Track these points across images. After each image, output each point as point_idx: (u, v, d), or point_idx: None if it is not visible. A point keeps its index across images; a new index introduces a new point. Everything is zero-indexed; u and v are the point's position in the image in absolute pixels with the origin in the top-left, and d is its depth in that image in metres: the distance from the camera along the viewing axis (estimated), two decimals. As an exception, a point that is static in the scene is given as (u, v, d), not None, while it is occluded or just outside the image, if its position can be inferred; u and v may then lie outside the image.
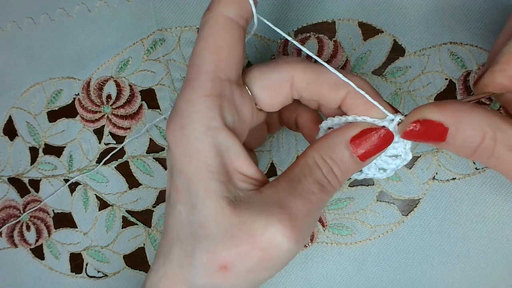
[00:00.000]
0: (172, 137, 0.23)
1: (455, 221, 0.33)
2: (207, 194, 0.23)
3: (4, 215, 0.38)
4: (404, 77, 0.33)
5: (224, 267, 0.22)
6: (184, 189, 0.23)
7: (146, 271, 0.37)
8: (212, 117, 0.23)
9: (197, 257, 0.23)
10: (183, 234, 0.23)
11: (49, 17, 0.37)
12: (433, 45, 0.32)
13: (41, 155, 0.38)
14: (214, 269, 0.22)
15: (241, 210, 0.22)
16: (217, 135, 0.23)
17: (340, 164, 0.24)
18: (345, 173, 0.24)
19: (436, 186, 0.33)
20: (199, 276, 0.23)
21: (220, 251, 0.22)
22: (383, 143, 0.24)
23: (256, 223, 0.22)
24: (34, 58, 0.37)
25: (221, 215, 0.22)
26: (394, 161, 0.26)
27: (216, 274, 0.22)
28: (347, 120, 0.25)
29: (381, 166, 0.26)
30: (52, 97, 0.37)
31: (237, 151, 0.23)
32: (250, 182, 0.24)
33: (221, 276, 0.22)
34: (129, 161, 0.37)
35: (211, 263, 0.22)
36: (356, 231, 0.34)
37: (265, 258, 0.22)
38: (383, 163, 0.26)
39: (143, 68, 0.36)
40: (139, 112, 0.36)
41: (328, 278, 0.34)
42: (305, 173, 0.23)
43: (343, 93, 0.24)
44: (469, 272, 0.33)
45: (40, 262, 0.38)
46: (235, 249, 0.22)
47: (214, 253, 0.22)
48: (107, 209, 0.37)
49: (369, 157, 0.24)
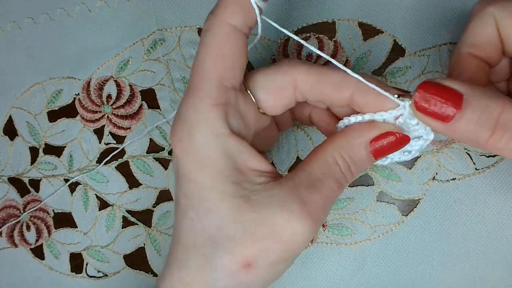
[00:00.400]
0: (179, 145, 0.24)
1: (455, 221, 0.33)
2: (223, 197, 0.23)
3: (4, 215, 0.38)
4: (404, 77, 0.33)
5: (248, 265, 0.23)
6: (195, 195, 0.24)
7: (146, 271, 0.37)
8: (220, 125, 0.23)
9: (217, 260, 0.23)
10: (199, 239, 0.24)
11: (49, 17, 0.37)
12: (433, 45, 0.32)
13: (41, 155, 0.38)
14: (236, 269, 0.23)
15: (260, 206, 0.23)
16: (227, 142, 0.23)
17: (357, 162, 0.25)
18: (360, 169, 0.25)
19: (436, 186, 0.33)
20: (221, 278, 0.23)
21: (242, 250, 0.23)
22: (399, 144, 0.25)
23: (278, 218, 0.23)
24: (34, 58, 0.37)
25: (239, 215, 0.23)
26: (417, 142, 0.26)
27: (239, 274, 0.23)
28: (363, 119, 0.25)
29: (405, 149, 0.26)
30: (52, 97, 0.37)
31: (248, 153, 0.24)
32: (264, 175, 0.24)
33: (244, 275, 0.23)
34: (129, 161, 0.37)
35: (233, 263, 0.23)
36: (356, 231, 0.34)
37: (286, 250, 0.23)
38: (407, 146, 0.26)
39: (143, 68, 0.36)
40: (139, 112, 0.36)
41: (328, 278, 0.34)
42: (324, 171, 0.24)
43: (347, 93, 0.24)
44: (469, 272, 0.33)
45: (40, 262, 0.38)
46: (257, 245, 0.23)
47: (235, 253, 0.23)
48: (107, 209, 0.37)
49: (383, 156, 0.25)
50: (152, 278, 0.37)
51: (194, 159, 0.23)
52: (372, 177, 0.33)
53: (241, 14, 0.23)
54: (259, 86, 0.25)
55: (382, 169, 0.33)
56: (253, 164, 0.24)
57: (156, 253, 0.36)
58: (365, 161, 0.25)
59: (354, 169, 0.25)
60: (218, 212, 0.23)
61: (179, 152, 0.24)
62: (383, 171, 0.33)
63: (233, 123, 0.24)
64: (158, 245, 0.36)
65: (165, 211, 0.36)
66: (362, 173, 0.34)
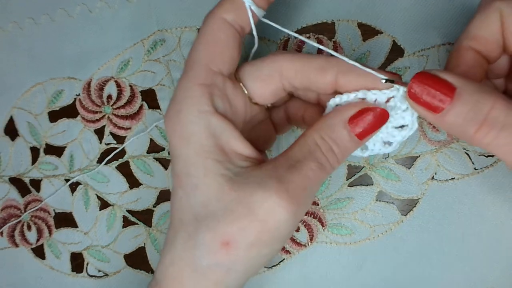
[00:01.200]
0: (169, 123, 0.25)
1: (454, 221, 0.33)
2: (206, 172, 0.24)
3: (5, 214, 0.39)
4: (403, 78, 0.33)
5: (226, 244, 0.23)
6: (183, 173, 0.24)
7: (147, 271, 0.37)
8: (203, 103, 0.24)
9: (199, 237, 0.23)
10: (186, 217, 0.24)
11: (50, 18, 0.37)
12: (432, 45, 0.33)
13: (42, 155, 0.38)
14: (216, 247, 0.23)
15: (239, 186, 0.23)
16: (210, 119, 0.24)
17: (339, 143, 0.24)
18: (344, 152, 0.25)
19: (435, 186, 0.33)
20: (203, 256, 0.23)
21: (221, 228, 0.23)
22: (379, 121, 0.24)
23: (254, 196, 0.23)
24: (35, 58, 0.38)
25: (221, 192, 0.23)
26: (400, 132, 0.26)
27: (219, 252, 0.23)
28: (357, 96, 0.25)
29: (387, 140, 0.26)
30: (53, 97, 0.37)
31: (231, 133, 0.24)
32: (249, 160, 0.25)
33: (224, 254, 0.23)
34: (129, 161, 0.37)
35: (214, 240, 0.23)
36: (356, 231, 0.34)
37: (264, 230, 0.23)
38: (389, 136, 0.26)
39: (143, 69, 0.36)
40: (140, 112, 0.36)
41: (328, 278, 0.34)
42: (304, 152, 0.24)
43: (331, 75, 0.25)
44: (468, 272, 0.33)
45: (41, 262, 0.38)
46: (235, 224, 0.23)
47: (215, 230, 0.23)
48: (108, 208, 0.37)
49: (367, 136, 0.25)
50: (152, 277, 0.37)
51: (180, 135, 0.24)
52: (371, 177, 0.34)
53: (234, 11, 0.25)
54: (247, 74, 0.27)
55: (382, 169, 0.33)
56: (236, 146, 0.24)
57: (157, 253, 0.37)
58: (348, 141, 0.24)
59: (337, 149, 0.24)
60: (203, 189, 0.23)
61: (168, 130, 0.25)
62: (382, 170, 0.33)
63: (219, 104, 0.25)
64: (158, 245, 0.37)
65: (165, 211, 0.36)
66: (361, 173, 0.34)
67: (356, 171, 0.34)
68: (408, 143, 0.33)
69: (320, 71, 0.25)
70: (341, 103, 0.26)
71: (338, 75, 0.25)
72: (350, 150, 0.25)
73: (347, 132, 0.24)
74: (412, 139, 0.33)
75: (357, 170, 0.34)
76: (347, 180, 0.34)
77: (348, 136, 0.24)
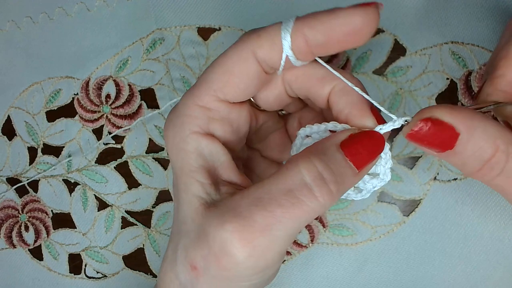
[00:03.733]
0: (166, 133, 0.25)
1: (456, 221, 0.33)
2: (186, 191, 0.23)
3: (2, 215, 0.38)
4: (405, 77, 0.33)
5: (194, 268, 0.22)
6: (174, 184, 0.25)
7: (146, 272, 0.37)
8: (197, 124, 0.24)
9: (178, 253, 0.23)
10: (174, 229, 0.25)
11: (48, 17, 0.37)
12: (434, 44, 0.32)
13: (39, 155, 0.37)
14: (187, 268, 0.23)
15: (208, 212, 0.22)
16: (200, 141, 0.24)
17: (334, 169, 0.20)
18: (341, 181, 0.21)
19: (437, 186, 0.33)
20: (181, 272, 0.23)
21: (190, 250, 0.22)
22: (375, 145, 0.22)
23: (211, 227, 0.21)
24: (32, 58, 0.37)
25: (195, 214, 0.23)
26: (371, 180, 0.24)
27: (190, 273, 0.23)
28: (326, 127, 0.23)
29: (357, 185, 0.25)
30: (51, 97, 0.37)
31: (219, 158, 0.24)
32: (233, 187, 0.23)
33: (193, 276, 0.22)
34: (128, 161, 0.36)
35: (186, 260, 0.23)
36: (357, 231, 0.34)
37: (220, 267, 0.21)
38: (360, 182, 0.24)
39: (142, 68, 0.36)
40: (139, 111, 0.36)
41: (329, 279, 0.34)
42: (278, 181, 0.21)
43: (328, 88, 0.23)
44: (471, 273, 0.33)
45: (39, 263, 0.38)
46: (199, 251, 0.22)
47: (187, 251, 0.23)
48: (106, 209, 0.37)
49: (364, 165, 0.22)
50: (151, 279, 0.36)
51: (173, 149, 0.24)
52: (373, 177, 0.33)
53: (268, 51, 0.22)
54: None
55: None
56: (222, 172, 0.24)
57: (156, 254, 0.36)
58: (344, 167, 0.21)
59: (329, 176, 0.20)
60: (183, 205, 0.23)
61: (166, 140, 0.25)
62: (384, 171, 0.33)
63: (216, 128, 0.24)
64: (157, 246, 0.36)
65: (164, 212, 0.36)
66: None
67: (358, 171, 0.34)
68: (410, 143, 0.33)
69: (320, 80, 0.23)
70: (312, 133, 0.24)
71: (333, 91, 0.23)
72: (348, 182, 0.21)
73: (341, 156, 0.21)
74: (414, 139, 0.33)
75: (359, 170, 0.34)
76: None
77: (343, 161, 0.21)
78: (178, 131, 0.24)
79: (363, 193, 0.25)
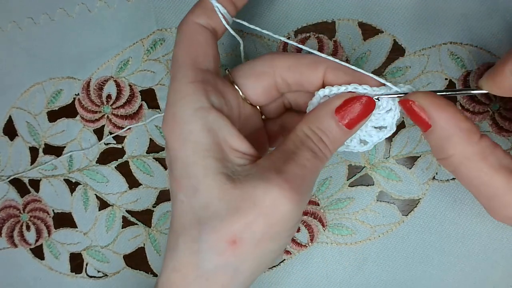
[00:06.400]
0: (166, 127, 0.25)
1: (455, 221, 0.33)
2: (206, 172, 0.23)
3: (4, 215, 0.38)
4: (404, 77, 0.33)
5: (233, 242, 0.23)
6: (183, 176, 0.24)
7: (146, 271, 0.37)
8: (198, 100, 0.24)
9: (203, 240, 0.23)
10: (187, 221, 0.24)
11: (49, 17, 0.37)
12: (433, 45, 0.32)
13: (41, 155, 0.38)
14: (223, 247, 0.23)
15: (240, 182, 0.23)
16: (207, 115, 0.24)
17: (328, 134, 0.25)
18: (334, 142, 0.25)
19: (436, 186, 0.33)
20: (209, 259, 0.23)
21: (227, 226, 0.23)
22: (366, 110, 0.25)
23: (257, 190, 0.23)
24: (34, 58, 0.37)
25: (223, 192, 0.23)
26: (378, 133, 0.27)
27: (226, 252, 0.23)
28: (347, 89, 0.25)
29: (364, 139, 0.27)
30: (52, 97, 0.37)
31: (228, 129, 0.24)
32: (246, 157, 0.25)
33: (231, 253, 0.23)
34: (129, 161, 0.37)
35: (220, 241, 0.23)
36: (356, 231, 0.34)
37: (270, 223, 0.23)
38: (366, 135, 0.27)
39: (143, 68, 0.36)
40: (139, 112, 0.36)
41: (328, 278, 0.34)
42: (297, 144, 0.25)
43: (322, 69, 0.26)
44: (469, 272, 0.33)
45: (40, 262, 0.38)
46: (241, 220, 0.23)
47: (221, 230, 0.23)
48: (107, 209, 0.37)
49: (355, 125, 0.25)
50: (152, 278, 0.37)
51: (178, 136, 0.24)
52: (372, 177, 0.33)
53: (205, 16, 0.26)
54: (241, 73, 0.27)
55: (382, 169, 0.33)
56: (234, 143, 0.24)
57: (156, 253, 0.36)
58: (336, 131, 0.25)
59: (326, 139, 0.25)
60: (204, 190, 0.23)
61: (166, 134, 0.25)
62: (383, 171, 0.33)
63: (214, 100, 0.25)
64: (158, 245, 0.36)
65: (165, 211, 0.36)
66: (362, 173, 0.34)
67: (357, 171, 0.34)
68: (409, 143, 0.33)
69: (312, 66, 0.26)
70: (330, 94, 0.26)
71: (328, 71, 0.26)
72: (340, 140, 0.26)
73: (335, 122, 0.25)
74: (413, 139, 0.33)
75: (358, 170, 0.34)
76: (347, 180, 0.34)
77: (336, 126, 0.25)
78: (180, 117, 0.24)
79: (368, 145, 0.28)
